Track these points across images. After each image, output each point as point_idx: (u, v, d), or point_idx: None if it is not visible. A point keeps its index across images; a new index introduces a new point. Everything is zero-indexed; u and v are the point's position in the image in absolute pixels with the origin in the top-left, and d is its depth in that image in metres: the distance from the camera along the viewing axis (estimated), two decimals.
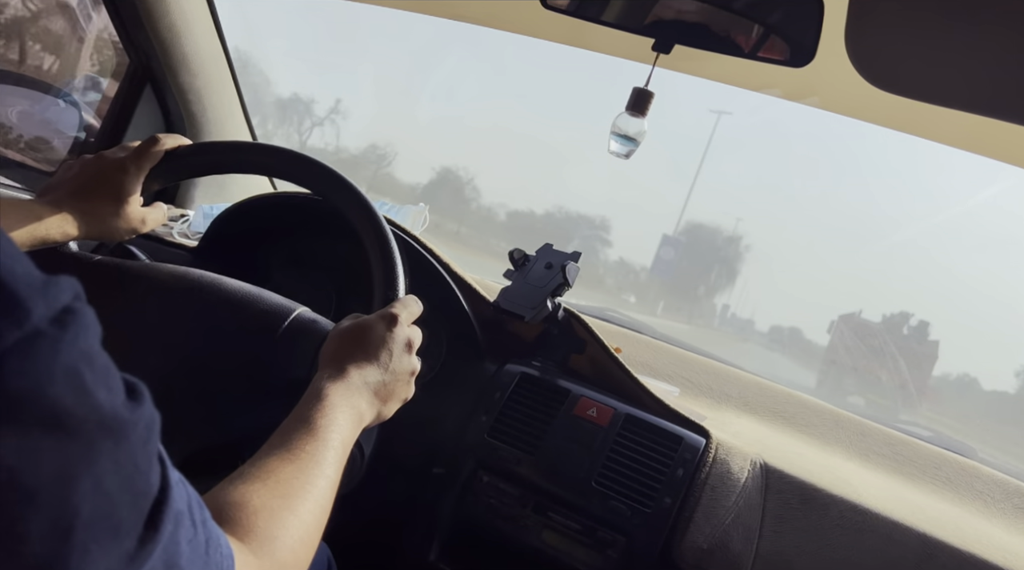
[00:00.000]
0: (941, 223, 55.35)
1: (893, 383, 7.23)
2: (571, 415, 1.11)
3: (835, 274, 50.19)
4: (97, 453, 0.32)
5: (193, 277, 0.89)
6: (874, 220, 67.51)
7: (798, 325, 31.40)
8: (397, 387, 0.77)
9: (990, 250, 49.65)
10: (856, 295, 44.24)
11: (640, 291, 24.34)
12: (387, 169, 13.16)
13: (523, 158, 34.88)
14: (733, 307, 32.71)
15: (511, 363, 1.21)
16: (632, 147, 0.93)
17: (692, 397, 1.42)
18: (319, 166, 0.97)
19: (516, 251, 1.18)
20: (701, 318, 26.23)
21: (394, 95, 26.49)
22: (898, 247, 51.18)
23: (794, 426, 1.38)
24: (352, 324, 0.79)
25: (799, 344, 25.02)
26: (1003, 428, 13.64)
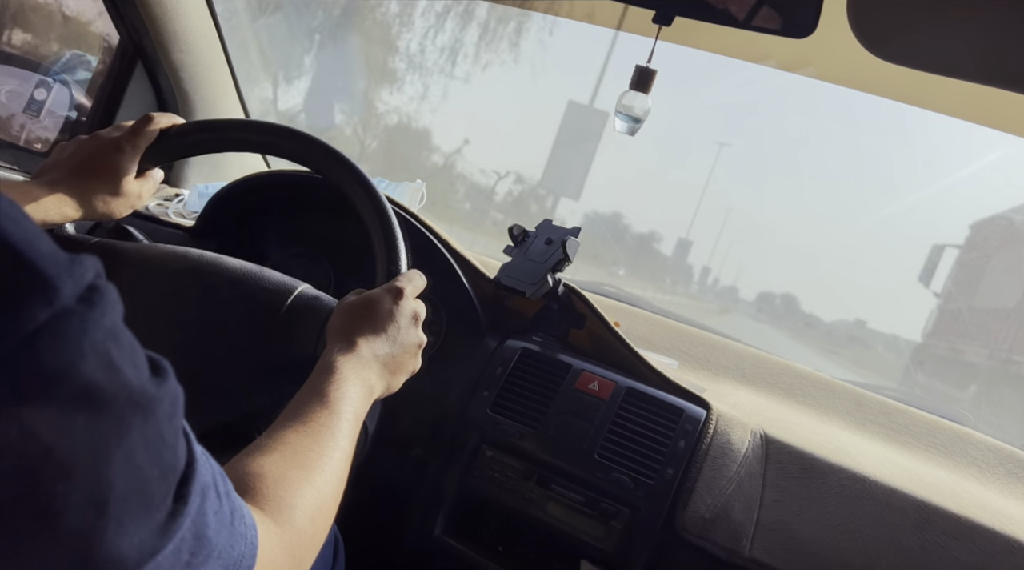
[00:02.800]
0: (937, 193, 55.78)
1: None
2: (572, 389, 1.12)
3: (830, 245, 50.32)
4: (128, 428, 0.32)
5: (193, 257, 0.89)
6: (869, 191, 67.32)
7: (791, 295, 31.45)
8: (405, 359, 0.78)
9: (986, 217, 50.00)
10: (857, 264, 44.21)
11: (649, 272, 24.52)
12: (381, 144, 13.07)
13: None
14: (728, 280, 32.82)
15: (512, 339, 1.21)
16: (637, 125, 0.93)
17: (690, 370, 1.44)
18: (317, 143, 0.96)
19: (516, 227, 1.18)
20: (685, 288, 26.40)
21: (387, 70, 26.33)
22: (893, 217, 51.31)
23: (792, 397, 1.40)
24: (358, 299, 0.79)
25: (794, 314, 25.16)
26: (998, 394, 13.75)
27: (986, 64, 0.72)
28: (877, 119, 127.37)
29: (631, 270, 21.53)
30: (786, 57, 1.05)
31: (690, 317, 1.67)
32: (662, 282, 23.41)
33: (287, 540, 0.51)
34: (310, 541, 0.54)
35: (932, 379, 6.03)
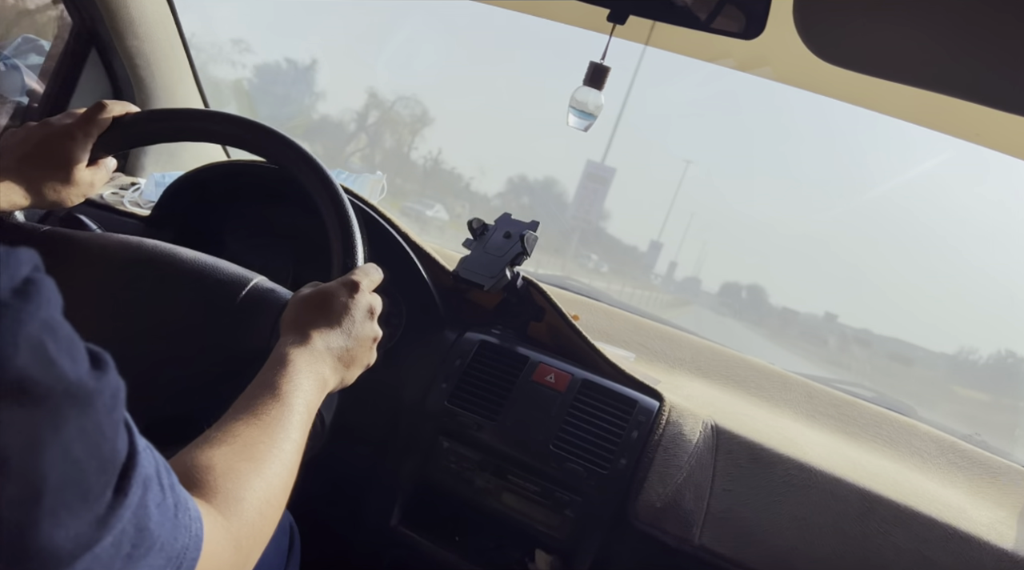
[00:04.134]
0: (889, 191, 57.22)
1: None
2: (530, 381, 1.13)
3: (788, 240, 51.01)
4: (63, 421, 0.32)
5: (147, 248, 0.88)
6: (825, 188, 68.66)
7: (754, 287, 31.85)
8: (359, 353, 0.78)
9: (934, 216, 51.61)
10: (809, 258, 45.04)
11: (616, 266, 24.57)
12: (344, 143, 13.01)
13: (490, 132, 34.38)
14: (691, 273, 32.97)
15: (471, 331, 1.22)
16: (590, 121, 0.94)
17: (647, 362, 1.46)
18: (275, 134, 0.96)
19: (475, 220, 1.19)
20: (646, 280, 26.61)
21: (348, 64, 25.52)
22: (849, 213, 52.29)
23: (745, 389, 1.43)
24: (313, 291, 0.79)
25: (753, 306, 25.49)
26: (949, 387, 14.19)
27: (925, 69, 0.75)
28: (838, 118, 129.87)
29: (594, 263, 21.64)
30: (743, 57, 1.07)
31: (650, 310, 1.70)
32: (625, 275, 23.58)
33: (234, 532, 0.51)
34: (258, 533, 0.54)
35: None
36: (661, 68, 73.05)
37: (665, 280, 27.42)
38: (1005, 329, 42.18)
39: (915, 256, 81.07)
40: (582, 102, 0.95)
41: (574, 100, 0.95)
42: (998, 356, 17.99)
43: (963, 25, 0.70)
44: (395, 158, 18.70)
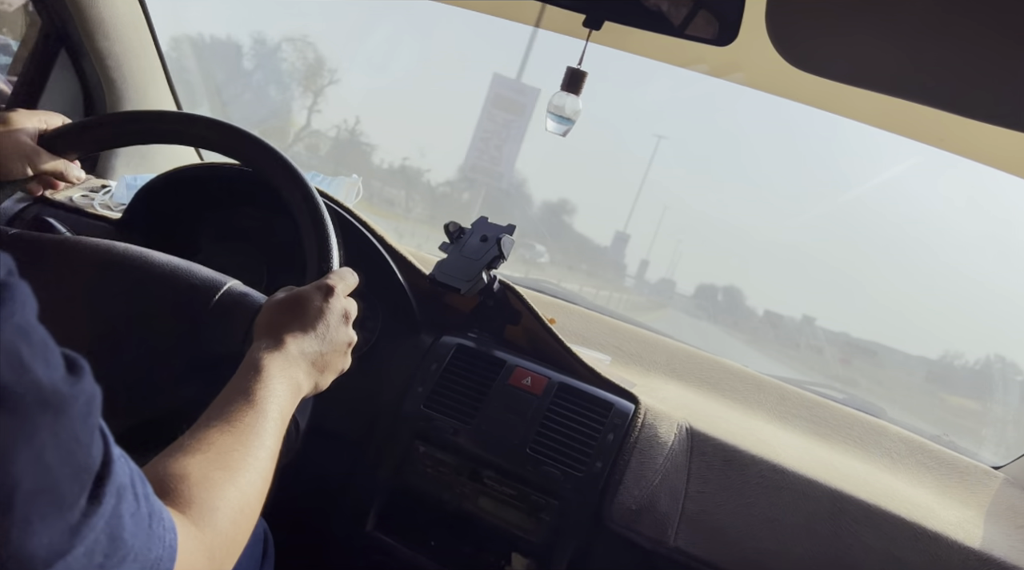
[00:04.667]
0: (859, 196, 58.76)
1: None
2: (506, 385, 1.13)
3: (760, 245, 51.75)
4: (36, 427, 0.32)
5: (118, 251, 0.87)
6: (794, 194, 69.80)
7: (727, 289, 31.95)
8: (334, 358, 0.77)
9: (904, 218, 52.94)
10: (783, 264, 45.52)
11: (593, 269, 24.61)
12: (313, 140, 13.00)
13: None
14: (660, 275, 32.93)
15: (447, 335, 1.22)
16: (568, 126, 0.95)
17: (623, 365, 1.47)
18: (248, 137, 0.95)
19: (451, 224, 1.18)
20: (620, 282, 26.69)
21: (324, 66, 25.79)
22: (818, 218, 53.47)
23: (719, 391, 1.45)
24: (287, 295, 0.78)
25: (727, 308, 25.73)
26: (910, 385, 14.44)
27: (893, 76, 0.76)
28: (811, 122, 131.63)
29: (568, 266, 21.64)
30: (717, 62, 1.09)
31: (628, 309, 1.72)
32: (599, 277, 23.60)
33: (207, 542, 0.51)
34: (231, 543, 0.54)
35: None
36: (633, 70, 71.99)
37: (638, 281, 27.25)
38: (976, 331, 43.20)
39: (890, 257, 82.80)
40: (559, 106, 0.96)
41: (552, 105, 0.96)
42: (965, 356, 18.29)
43: (930, 35, 0.72)
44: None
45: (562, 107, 0.95)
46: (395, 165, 20.74)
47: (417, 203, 21.68)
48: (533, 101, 10.21)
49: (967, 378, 14.66)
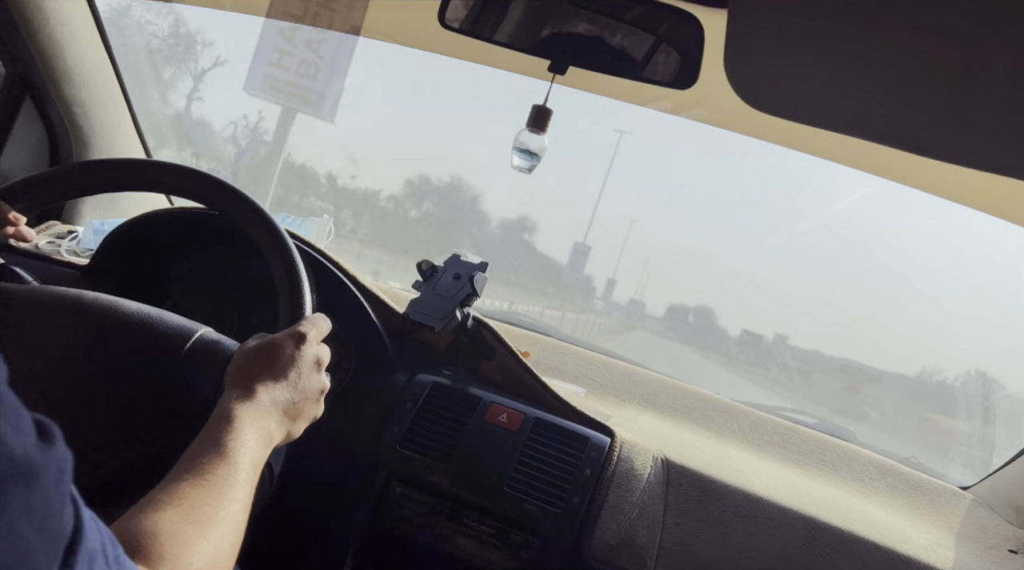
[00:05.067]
0: (815, 226, 60.66)
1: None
2: (483, 422, 1.13)
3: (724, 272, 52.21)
4: (8, 498, 0.31)
5: (87, 300, 0.86)
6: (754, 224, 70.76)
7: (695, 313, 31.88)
8: (306, 406, 0.77)
9: (853, 248, 54.54)
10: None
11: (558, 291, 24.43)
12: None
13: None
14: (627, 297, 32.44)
15: (422, 373, 1.22)
16: (534, 162, 0.97)
17: (597, 396, 1.48)
18: (218, 183, 0.95)
19: (424, 262, 1.19)
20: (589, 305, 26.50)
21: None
22: (780, 246, 54.68)
23: (693, 420, 1.46)
24: (259, 343, 0.78)
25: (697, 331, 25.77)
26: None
27: (845, 117, 0.79)
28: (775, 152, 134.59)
29: (538, 290, 21.64)
30: (678, 101, 1.12)
31: (597, 332, 1.73)
32: (570, 301, 23.54)
33: None
34: None
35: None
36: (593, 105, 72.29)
37: (606, 303, 27.00)
38: (944, 352, 43.90)
39: (863, 277, 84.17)
40: (525, 143, 0.98)
41: (518, 141, 0.97)
42: (937, 374, 18.52)
43: (884, 75, 0.75)
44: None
45: (527, 143, 0.97)
46: (368, 196, 20.69)
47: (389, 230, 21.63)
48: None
49: (938, 396, 14.92)
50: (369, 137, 30.87)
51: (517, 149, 0.95)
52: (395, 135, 37.35)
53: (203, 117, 12.10)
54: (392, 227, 19.86)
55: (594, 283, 29.66)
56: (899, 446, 1.52)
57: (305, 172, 17.36)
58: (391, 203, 20.16)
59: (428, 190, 22.96)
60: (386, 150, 32.94)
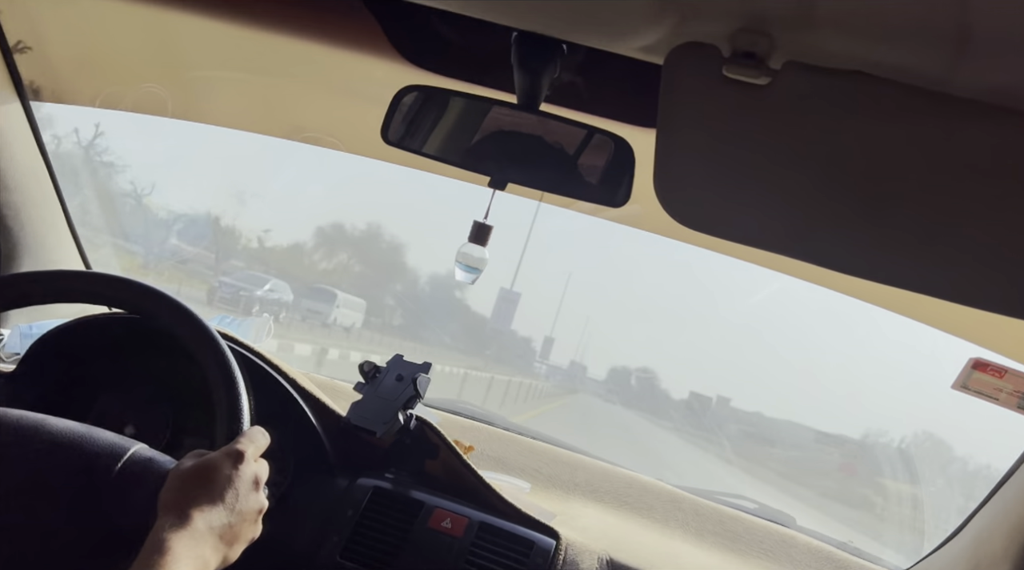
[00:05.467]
0: (738, 314, 64.24)
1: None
2: (426, 528, 1.11)
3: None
4: None
5: (11, 421, 0.83)
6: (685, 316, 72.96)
7: None
8: (243, 528, 0.76)
9: (772, 334, 57.89)
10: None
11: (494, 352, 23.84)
12: None
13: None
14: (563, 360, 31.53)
15: (363, 477, 1.20)
16: (476, 274, 0.99)
17: (542, 490, 1.47)
18: (149, 291, 0.95)
19: (366, 363, 1.19)
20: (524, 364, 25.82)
21: (230, 204, 25.20)
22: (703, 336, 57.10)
23: (637, 511, 1.47)
24: (194, 464, 0.77)
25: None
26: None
27: (767, 234, 0.85)
28: None
29: (474, 352, 21.39)
30: (615, 213, 1.16)
31: (538, 393, 1.73)
32: (510, 363, 23.20)
33: None
34: None
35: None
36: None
37: (544, 364, 26.54)
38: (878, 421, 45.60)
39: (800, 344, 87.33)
40: (467, 255, 1.00)
41: (460, 254, 1.00)
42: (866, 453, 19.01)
43: (799, 199, 0.80)
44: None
45: (469, 256, 0.99)
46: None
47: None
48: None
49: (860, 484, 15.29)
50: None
51: (460, 263, 0.97)
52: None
53: (145, 217, 11.97)
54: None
55: (531, 343, 29.11)
56: (837, 528, 1.55)
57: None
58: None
59: (343, 239, 22.59)
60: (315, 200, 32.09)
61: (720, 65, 0.69)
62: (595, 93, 0.96)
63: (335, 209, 23.59)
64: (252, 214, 23.52)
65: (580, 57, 0.87)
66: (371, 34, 1.03)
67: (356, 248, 22.57)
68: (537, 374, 25.13)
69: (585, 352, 37.72)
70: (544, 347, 29.54)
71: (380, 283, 22.76)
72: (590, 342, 42.32)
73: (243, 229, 16.24)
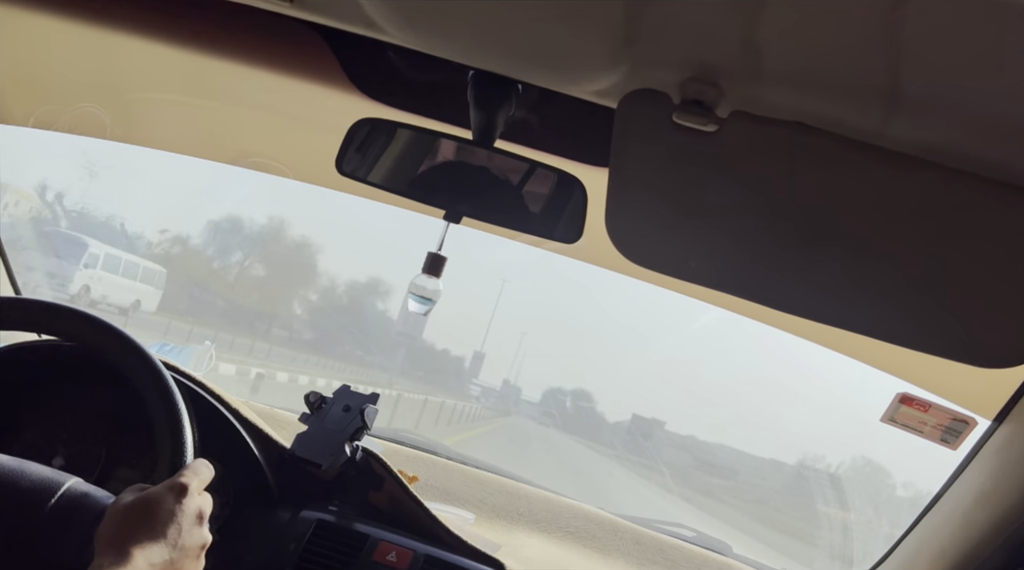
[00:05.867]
0: (672, 344, 66.36)
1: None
2: (371, 561, 1.10)
3: None
4: None
5: None
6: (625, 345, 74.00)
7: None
8: (185, 564, 0.74)
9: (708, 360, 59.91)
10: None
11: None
12: None
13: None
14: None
15: (307, 509, 1.17)
16: (430, 305, 0.99)
17: (487, 520, 1.47)
18: (87, 318, 0.92)
19: (312, 394, 1.17)
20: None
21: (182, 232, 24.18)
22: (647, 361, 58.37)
23: (579, 540, 1.48)
24: (135, 499, 0.74)
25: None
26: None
27: (712, 273, 0.88)
28: None
29: (407, 374, 20.91)
30: (561, 247, 1.19)
31: (472, 417, 1.73)
32: (442, 386, 22.73)
33: None
34: None
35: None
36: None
37: (478, 386, 25.99)
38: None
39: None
40: (421, 287, 1.00)
41: (414, 285, 1.00)
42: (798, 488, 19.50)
43: (743, 240, 0.84)
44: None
45: (423, 288, 1.00)
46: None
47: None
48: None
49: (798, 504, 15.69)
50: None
51: (413, 294, 0.98)
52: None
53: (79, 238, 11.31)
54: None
55: (458, 358, 28.45)
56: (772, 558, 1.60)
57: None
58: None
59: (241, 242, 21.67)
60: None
61: (670, 111, 0.72)
62: (550, 132, 0.98)
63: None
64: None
65: (535, 96, 0.90)
66: (326, 65, 1.03)
67: (255, 250, 21.52)
68: (467, 395, 24.68)
69: (520, 372, 36.91)
70: (475, 360, 28.67)
71: (275, 291, 21.86)
72: (525, 361, 41.74)
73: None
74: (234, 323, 16.56)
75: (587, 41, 0.72)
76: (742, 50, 0.66)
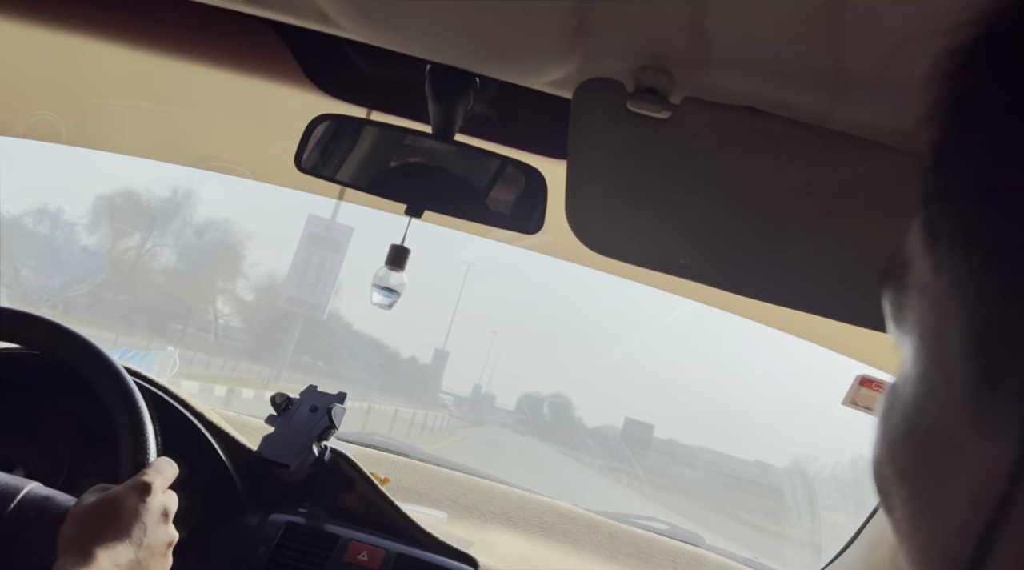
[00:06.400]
0: (645, 339, 66.33)
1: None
2: (342, 562, 1.09)
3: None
4: None
5: None
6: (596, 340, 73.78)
7: None
8: (152, 563, 0.73)
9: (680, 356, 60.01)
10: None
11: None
12: None
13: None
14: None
15: (276, 512, 1.16)
16: (394, 298, 0.99)
17: (460, 519, 1.47)
18: (44, 322, 0.90)
19: (278, 395, 1.16)
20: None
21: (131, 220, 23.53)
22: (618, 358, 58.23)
23: (552, 536, 1.48)
24: (98, 499, 0.73)
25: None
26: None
27: (670, 259, 0.89)
28: None
29: (383, 387, 20.62)
30: (529, 241, 1.20)
31: (446, 429, 1.73)
32: (412, 396, 22.53)
33: None
34: None
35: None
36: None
37: (451, 395, 25.78)
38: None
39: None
40: (384, 280, 1.00)
41: (377, 278, 1.00)
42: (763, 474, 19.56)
43: (703, 224, 0.86)
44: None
45: (387, 280, 1.00)
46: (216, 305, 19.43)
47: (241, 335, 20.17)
48: (348, 238, 10.20)
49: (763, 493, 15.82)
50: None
51: (377, 286, 0.97)
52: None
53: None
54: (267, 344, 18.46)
55: (443, 376, 28.29)
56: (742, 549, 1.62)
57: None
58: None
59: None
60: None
61: (625, 100, 0.73)
62: (508, 125, 0.99)
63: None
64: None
65: (493, 90, 0.91)
66: (283, 63, 1.03)
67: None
68: (452, 407, 24.48)
69: (492, 377, 36.55)
70: (435, 363, 27.92)
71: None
72: (497, 365, 41.50)
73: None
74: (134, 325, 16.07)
75: (540, 31, 0.73)
76: (692, 37, 0.67)
